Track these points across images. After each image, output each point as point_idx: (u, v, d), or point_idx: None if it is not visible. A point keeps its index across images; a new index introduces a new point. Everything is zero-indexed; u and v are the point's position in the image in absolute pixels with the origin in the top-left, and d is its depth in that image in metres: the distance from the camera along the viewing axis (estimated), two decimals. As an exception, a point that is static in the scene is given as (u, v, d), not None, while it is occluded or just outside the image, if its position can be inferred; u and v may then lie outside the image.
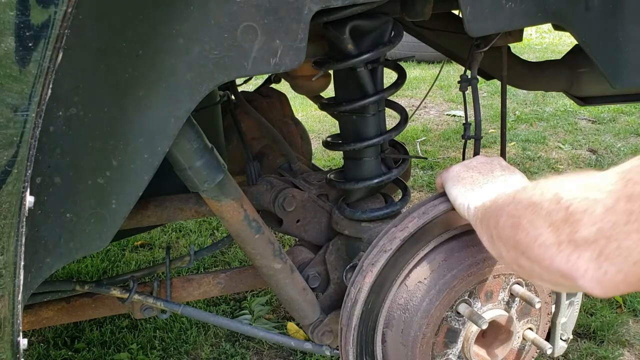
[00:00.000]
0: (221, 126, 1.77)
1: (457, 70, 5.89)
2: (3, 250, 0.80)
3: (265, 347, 2.16)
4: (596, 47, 1.20)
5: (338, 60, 1.25)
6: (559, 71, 1.79)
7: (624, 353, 2.12)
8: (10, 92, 0.70)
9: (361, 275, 1.25)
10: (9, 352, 0.90)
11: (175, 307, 1.41)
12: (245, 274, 1.58)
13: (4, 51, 0.67)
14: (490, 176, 1.12)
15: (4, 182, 0.75)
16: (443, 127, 4.75)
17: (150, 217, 1.43)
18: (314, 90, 1.75)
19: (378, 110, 1.33)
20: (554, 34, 8.32)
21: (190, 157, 1.09)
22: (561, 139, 4.37)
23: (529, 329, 1.36)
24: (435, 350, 1.28)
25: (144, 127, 0.92)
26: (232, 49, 0.92)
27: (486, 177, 1.12)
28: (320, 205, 1.51)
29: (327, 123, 4.74)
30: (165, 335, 2.22)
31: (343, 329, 1.28)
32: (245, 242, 1.30)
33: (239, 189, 1.24)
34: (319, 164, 3.68)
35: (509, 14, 1.11)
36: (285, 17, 0.93)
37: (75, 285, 1.41)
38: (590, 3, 1.16)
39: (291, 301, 1.41)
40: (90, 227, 0.95)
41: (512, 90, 4.49)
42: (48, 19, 0.69)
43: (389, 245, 1.23)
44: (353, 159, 1.41)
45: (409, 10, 1.23)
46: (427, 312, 1.24)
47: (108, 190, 0.94)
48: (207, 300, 2.41)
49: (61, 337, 2.22)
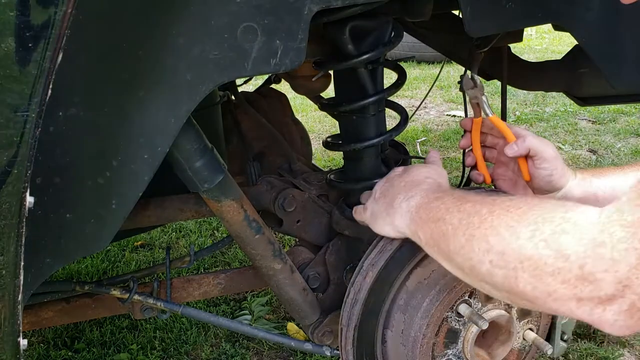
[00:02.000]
0: (221, 126, 1.77)
1: (457, 70, 5.89)
2: (3, 251, 0.80)
3: (265, 347, 2.15)
4: (596, 47, 1.20)
5: (338, 61, 1.25)
6: (559, 71, 1.79)
7: (624, 353, 2.12)
8: (10, 92, 0.70)
9: (361, 276, 1.25)
10: (9, 352, 0.90)
11: (175, 308, 1.41)
12: (245, 275, 1.58)
13: (4, 51, 0.67)
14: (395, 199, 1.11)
15: (4, 183, 0.74)
16: (443, 128, 4.75)
17: (150, 217, 1.43)
18: (314, 91, 1.75)
19: (378, 110, 1.33)
20: (554, 34, 8.32)
21: (190, 158, 1.09)
22: (561, 139, 4.37)
23: (529, 329, 1.36)
24: (436, 351, 1.28)
25: (144, 128, 0.92)
26: (232, 49, 0.92)
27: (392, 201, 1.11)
28: (321, 205, 1.51)
29: (327, 123, 4.74)
30: (165, 335, 2.22)
31: (343, 329, 1.28)
32: (245, 243, 1.30)
33: (239, 190, 1.24)
34: (319, 164, 3.68)
35: (509, 14, 1.11)
36: (286, 17, 0.93)
37: (75, 285, 1.41)
38: (590, 3, 1.16)
39: (291, 301, 1.41)
40: (90, 228, 0.95)
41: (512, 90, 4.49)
42: (48, 20, 0.68)
43: (389, 245, 1.23)
44: (353, 159, 1.41)
45: (409, 11, 1.23)
46: (427, 313, 1.24)
47: (108, 190, 0.94)
48: (207, 300, 2.41)
49: (61, 337, 2.22)
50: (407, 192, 1.09)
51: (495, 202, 0.86)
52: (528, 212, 0.79)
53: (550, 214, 0.76)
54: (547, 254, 0.73)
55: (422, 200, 1.03)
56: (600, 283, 0.67)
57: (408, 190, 1.09)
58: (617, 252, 0.65)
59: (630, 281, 0.65)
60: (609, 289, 0.66)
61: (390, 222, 1.11)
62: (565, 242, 0.71)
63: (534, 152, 1.19)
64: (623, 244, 0.65)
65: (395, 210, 1.09)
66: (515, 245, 0.77)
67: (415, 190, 1.08)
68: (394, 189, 1.13)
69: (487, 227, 0.82)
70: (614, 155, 4.01)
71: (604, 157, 3.96)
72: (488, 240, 0.81)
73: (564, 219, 0.74)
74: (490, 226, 0.82)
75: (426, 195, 1.04)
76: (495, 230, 0.81)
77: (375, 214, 1.17)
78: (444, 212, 0.94)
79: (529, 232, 0.76)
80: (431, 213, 0.98)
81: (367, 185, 1.39)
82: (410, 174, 1.16)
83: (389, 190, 1.15)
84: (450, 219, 0.91)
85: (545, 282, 0.73)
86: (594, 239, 0.68)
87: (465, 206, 0.90)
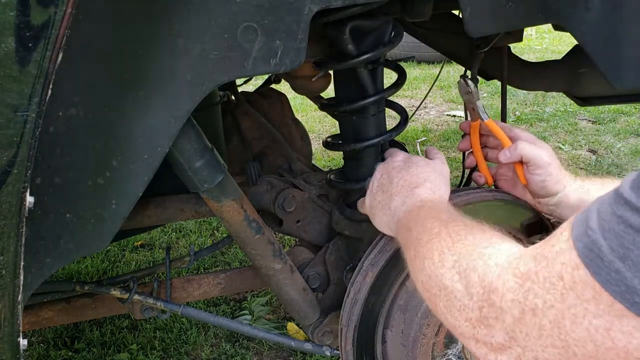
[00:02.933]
0: (221, 126, 1.77)
1: (457, 70, 5.89)
2: (3, 251, 0.80)
3: (265, 347, 2.16)
4: (596, 47, 1.20)
5: (338, 61, 1.25)
6: (559, 71, 1.79)
7: (624, 353, 2.11)
8: (10, 92, 0.70)
9: (361, 276, 1.25)
10: (9, 353, 0.90)
11: (175, 308, 1.41)
12: (245, 275, 1.58)
13: (4, 51, 0.67)
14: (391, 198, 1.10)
15: (4, 183, 0.74)
16: (443, 128, 4.75)
17: (150, 217, 1.43)
18: (314, 91, 1.75)
19: (378, 110, 1.33)
20: (554, 34, 8.32)
21: (190, 158, 1.09)
22: (561, 139, 4.37)
23: (529, 329, 1.35)
24: (436, 351, 1.28)
25: (144, 128, 0.92)
26: (232, 49, 0.92)
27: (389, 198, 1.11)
28: (321, 205, 1.51)
29: (327, 123, 4.74)
30: (165, 335, 2.22)
31: (343, 329, 1.28)
32: (245, 243, 1.30)
33: (239, 190, 1.24)
34: (319, 164, 3.68)
35: (509, 14, 1.11)
36: (286, 17, 0.93)
37: (75, 285, 1.41)
38: (590, 3, 1.16)
39: (291, 301, 1.41)
40: (90, 228, 0.95)
41: (512, 90, 4.49)
42: (48, 20, 0.69)
43: (389, 245, 1.23)
44: (353, 159, 1.41)
45: (409, 11, 1.23)
46: (427, 313, 1.24)
47: (108, 190, 0.94)
48: (207, 300, 2.41)
49: (61, 337, 2.22)
50: (404, 196, 1.08)
51: (448, 224, 0.85)
52: (461, 241, 0.79)
53: (473, 247, 0.75)
54: (458, 289, 0.72)
55: (411, 208, 1.04)
56: (492, 330, 0.66)
57: (406, 195, 1.08)
58: (505, 302, 0.63)
59: (515, 334, 0.63)
60: (499, 338, 0.65)
61: (386, 222, 1.11)
62: (472, 279, 0.70)
63: (526, 158, 1.19)
64: (511, 294, 0.63)
65: (392, 212, 1.09)
66: (438, 272, 0.77)
67: (412, 194, 1.08)
68: (393, 188, 1.13)
69: (428, 249, 0.82)
70: (614, 155, 4.01)
71: (603, 157, 3.96)
72: (424, 261, 0.81)
73: (480, 255, 0.72)
74: (430, 248, 0.82)
75: (416, 203, 1.04)
76: (431, 253, 0.81)
77: (373, 209, 1.17)
78: (414, 222, 0.94)
79: (452, 261, 0.76)
80: (408, 220, 0.99)
81: (367, 185, 1.39)
82: (410, 172, 1.14)
83: (387, 187, 1.14)
84: (414, 231, 0.92)
85: (453, 315, 0.73)
86: (491, 282, 0.66)
87: (427, 222, 0.90)
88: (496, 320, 0.65)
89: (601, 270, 0.53)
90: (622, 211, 0.53)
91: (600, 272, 0.53)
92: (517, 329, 0.62)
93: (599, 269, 0.53)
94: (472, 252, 0.74)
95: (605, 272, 0.53)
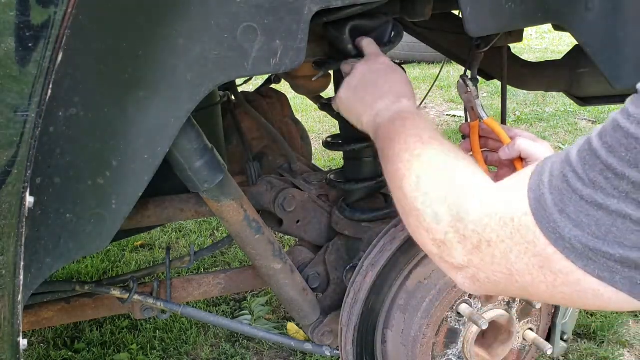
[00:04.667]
0: (221, 126, 1.77)
1: (457, 70, 5.89)
2: (3, 251, 0.80)
3: (265, 347, 2.15)
4: (596, 47, 1.20)
5: (338, 61, 1.25)
6: (559, 71, 1.79)
7: (624, 353, 2.12)
8: (10, 92, 0.70)
9: (361, 276, 1.25)
10: (9, 353, 0.90)
11: (176, 308, 1.41)
12: (245, 275, 1.58)
13: (4, 51, 0.67)
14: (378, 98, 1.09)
15: (4, 183, 0.74)
16: (443, 128, 4.75)
17: (150, 217, 1.43)
18: (314, 91, 1.75)
19: (378, 110, 1.33)
20: (554, 34, 8.32)
21: (190, 158, 1.09)
22: (561, 139, 4.37)
23: (529, 329, 1.36)
24: (436, 351, 1.28)
25: (144, 128, 0.92)
26: (232, 49, 0.92)
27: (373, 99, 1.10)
28: (321, 205, 1.51)
29: (327, 123, 4.74)
30: (165, 335, 2.22)
31: (343, 329, 1.28)
32: (245, 243, 1.30)
33: (239, 189, 1.24)
34: (319, 164, 3.68)
35: (509, 14, 1.11)
36: (285, 17, 0.93)
37: (75, 285, 1.41)
38: (590, 3, 1.16)
39: (291, 301, 1.41)
40: (90, 228, 0.95)
41: (512, 90, 4.49)
42: (48, 20, 0.69)
43: (389, 245, 1.23)
44: (353, 159, 1.41)
45: (409, 11, 1.23)
46: (427, 313, 1.24)
47: (108, 190, 0.94)
48: (207, 300, 2.41)
49: (61, 337, 2.22)
50: (390, 102, 1.07)
51: (429, 148, 0.91)
52: (438, 169, 0.86)
53: (447, 175, 0.83)
54: (428, 213, 0.81)
55: (395, 117, 1.03)
56: (453, 252, 0.77)
57: (392, 102, 1.07)
58: (467, 231, 0.74)
59: (472, 258, 0.74)
60: (459, 259, 0.76)
61: (366, 120, 1.09)
62: (442, 207, 0.80)
63: (525, 154, 1.19)
64: (472, 225, 0.74)
65: (375, 113, 1.07)
66: (413, 195, 0.85)
67: (398, 103, 1.07)
68: (378, 90, 1.10)
69: (407, 169, 0.88)
70: (614, 155, 4.00)
71: (604, 157, 3.95)
72: (402, 181, 0.88)
73: (452, 184, 0.81)
74: (409, 168, 0.88)
75: (401, 114, 1.03)
76: (409, 173, 0.87)
77: (350, 102, 1.14)
78: (397, 134, 0.97)
79: (427, 187, 0.83)
80: (390, 131, 1.00)
81: (367, 185, 1.40)
82: (395, 79, 1.12)
83: (370, 87, 1.12)
84: (396, 144, 0.95)
85: (421, 234, 0.83)
86: (458, 213, 0.76)
87: (410, 139, 0.94)
88: (458, 244, 0.76)
89: (543, 219, 0.65)
90: (566, 172, 0.64)
91: (542, 220, 0.65)
92: (474, 254, 0.74)
93: (542, 218, 0.65)
94: (446, 180, 0.83)
95: (545, 222, 0.65)
